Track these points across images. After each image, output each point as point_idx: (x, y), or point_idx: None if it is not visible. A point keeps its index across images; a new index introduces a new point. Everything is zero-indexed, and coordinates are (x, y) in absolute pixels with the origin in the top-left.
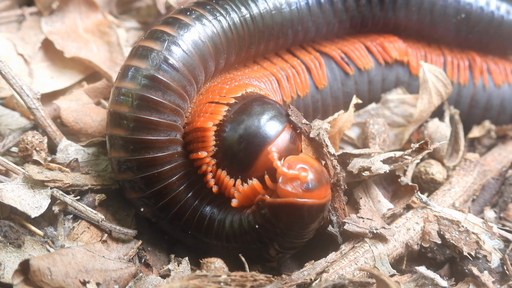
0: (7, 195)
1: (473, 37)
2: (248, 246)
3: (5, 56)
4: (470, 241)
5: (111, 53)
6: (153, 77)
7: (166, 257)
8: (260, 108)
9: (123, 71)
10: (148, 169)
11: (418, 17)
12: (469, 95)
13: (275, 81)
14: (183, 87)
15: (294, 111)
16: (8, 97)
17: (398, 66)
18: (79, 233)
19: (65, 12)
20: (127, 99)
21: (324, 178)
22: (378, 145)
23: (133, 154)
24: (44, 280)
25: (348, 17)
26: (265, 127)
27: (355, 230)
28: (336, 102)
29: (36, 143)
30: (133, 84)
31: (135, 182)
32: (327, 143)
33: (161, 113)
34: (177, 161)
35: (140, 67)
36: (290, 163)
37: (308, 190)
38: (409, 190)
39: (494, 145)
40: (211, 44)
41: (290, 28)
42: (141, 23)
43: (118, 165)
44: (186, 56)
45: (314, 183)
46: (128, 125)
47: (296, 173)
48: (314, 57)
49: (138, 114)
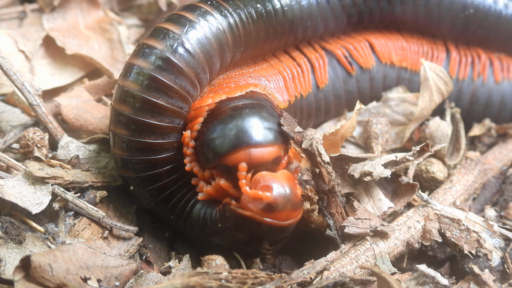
0: (8, 191)
1: (481, 33)
2: (215, 238)
3: (7, 53)
4: (470, 239)
5: (112, 50)
6: (167, 60)
7: (167, 254)
8: (262, 113)
9: (139, 48)
10: (145, 153)
11: (426, 12)
12: (469, 91)
13: (281, 80)
14: (196, 74)
15: (287, 120)
16: (9, 94)
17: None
18: (80, 229)
19: (67, 9)
20: (138, 77)
21: (291, 203)
22: (380, 145)
23: (133, 134)
24: (45, 277)
25: (355, 12)
26: (252, 132)
27: (356, 232)
28: (338, 101)
29: (37, 140)
30: (146, 63)
31: (130, 161)
32: (321, 152)
33: (169, 97)
34: (175, 150)
35: (156, 47)
36: (258, 179)
37: (267, 211)
38: (410, 188)
39: (495, 144)
40: (229, 34)
41: (300, 25)
42: (142, 20)
43: (117, 141)
44: (204, 43)
45: (274, 206)
46: (134, 104)
47: (257, 194)
48: (319, 55)
49: (146, 95)
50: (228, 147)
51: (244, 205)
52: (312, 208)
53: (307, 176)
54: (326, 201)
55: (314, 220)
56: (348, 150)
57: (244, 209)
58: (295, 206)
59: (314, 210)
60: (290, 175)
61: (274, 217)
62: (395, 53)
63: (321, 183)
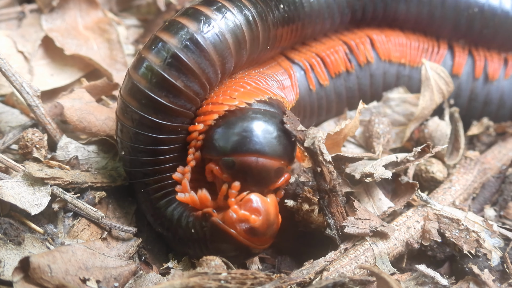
0: (7, 192)
1: (488, 32)
2: (183, 241)
3: (5, 53)
4: (470, 239)
5: (111, 51)
6: (197, 42)
7: (166, 255)
8: (279, 125)
9: (170, 23)
10: (147, 129)
11: (429, 9)
12: (468, 89)
13: (288, 79)
14: (222, 62)
15: (289, 118)
16: (8, 95)
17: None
18: (79, 230)
19: (65, 9)
20: (162, 53)
21: (271, 231)
22: (382, 145)
23: (142, 108)
24: (44, 278)
25: (360, 6)
26: (267, 142)
27: (356, 232)
28: (339, 98)
29: (36, 141)
30: (175, 40)
31: (130, 130)
32: (323, 151)
33: (188, 80)
34: (177, 134)
35: (188, 27)
36: (250, 200)
37: (249, 233)
38: (410, 188)
39: (494, 143)
40: (261, 26)
41: (312, 20)
42: (141, 21)
43: (126, 110)
44: (236, 32)
45: (258, 231)
46: (151, 79)
47: (246, 216)
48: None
49: (165, 73)
50: (241, 147)
51: (228, 221)
52: (312, 209)
53: (304, 177)
54: (327, 200)
55: (314, 220)
56: (348, 149)
57: (228, 225)
58: (274, 234)
59: (313, 210)
60: (276, 202)
61: (253, 240)
62: (395, 49)
63: (322, 182)
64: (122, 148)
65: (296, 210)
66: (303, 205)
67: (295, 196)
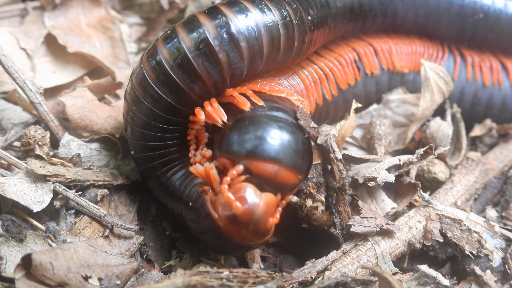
0: (9, 189)
1: (493, 38)
2: (183, 211)
3: (8, 50)
4: (472, 240)
5: (113, 49)
6: (231, 32)
7: (168, 253)
8: (303, 138)
9: (209, 8)
10: (156, 104)
11: (436, 16)
12: (471, 93)
13: (303, 86)
14: (252, 56)
15: (302, 114)
16: (10, 91)
17: None
18: (81, 228)
19: (68, 7)
20: (196, 36)
21: (253, 226)
22: (384, 147)
23: (156, 82)
24: (46, 275)
25: (371, 14)
26: (290, 154)
27: (362, 230)
28: (346, 105)
29: (39, 138)
30: (211, 25)
31: (139, 100)
32: (334, 149)
33: (212, 66)
34: (186, 117)
35: (225, 14)
36: (242, 188)
37: (229, 220)
38: (412, 188)
39: (496, 144)
40: (296, 26)
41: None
42: (144, 19)
43: (141, 78)
44: (272, 28)
45: (240, 220)
46: (176, 58)
47: (229, 199)
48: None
49: (191, 56)
50: (263, 152)
51: (215, 203)
52: (316, 206)
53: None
54: (335, 198)
55: (317, 218)
56: (350, 151)
57: (213, 208)
58: (256, 231)
59: (317, 207)
60: (273, 203)
61: (232, 229)
62: (400, 58)
63: (332, 180)
64: (131, 129)
65: (300, 206)
66: (306, 201)
67: (299, 192)
